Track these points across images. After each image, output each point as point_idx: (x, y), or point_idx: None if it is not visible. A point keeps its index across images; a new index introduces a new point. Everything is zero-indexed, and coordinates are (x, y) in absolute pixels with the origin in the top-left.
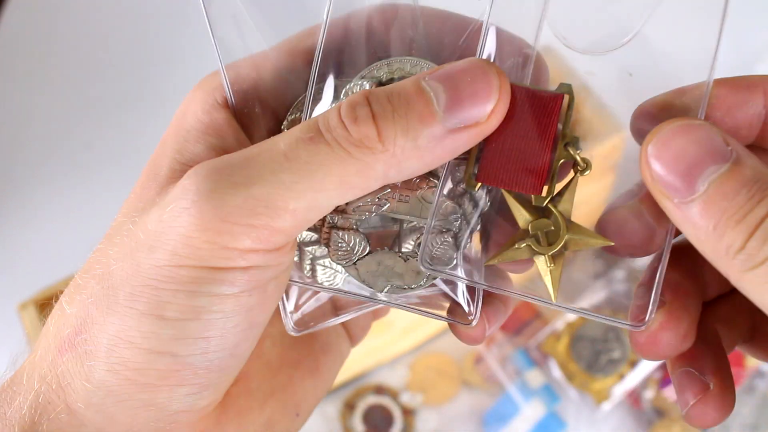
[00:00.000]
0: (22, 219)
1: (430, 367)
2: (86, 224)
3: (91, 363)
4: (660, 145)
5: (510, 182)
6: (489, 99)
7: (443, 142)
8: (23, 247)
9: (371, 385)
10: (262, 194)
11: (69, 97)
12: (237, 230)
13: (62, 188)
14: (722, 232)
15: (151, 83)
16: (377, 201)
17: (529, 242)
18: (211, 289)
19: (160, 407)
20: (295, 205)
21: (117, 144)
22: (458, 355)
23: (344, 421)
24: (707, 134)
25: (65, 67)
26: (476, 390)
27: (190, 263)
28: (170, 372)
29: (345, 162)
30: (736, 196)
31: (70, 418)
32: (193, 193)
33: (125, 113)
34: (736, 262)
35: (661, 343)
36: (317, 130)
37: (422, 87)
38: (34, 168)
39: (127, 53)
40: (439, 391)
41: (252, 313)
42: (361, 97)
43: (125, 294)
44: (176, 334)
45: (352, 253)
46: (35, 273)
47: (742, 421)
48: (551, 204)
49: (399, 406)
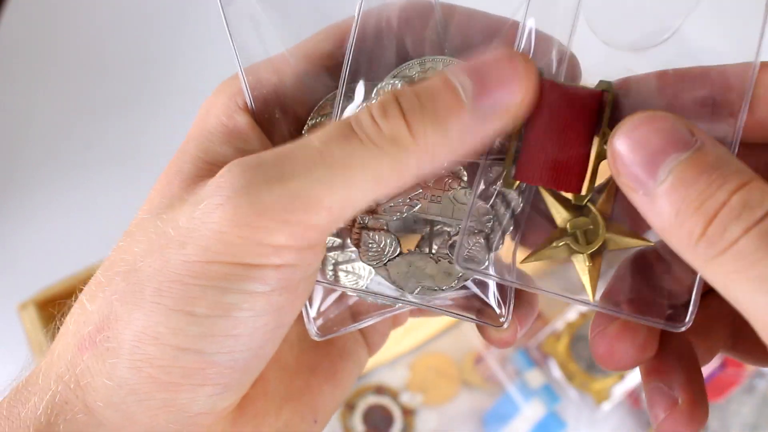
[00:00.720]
0: (22, 219)
1: (430, 367)
2: (86, 224)
3: (114, 360)
4: (624, 137)
5: (549, 181)
6: (515, 84)
7: (473, 130)
8: (23, 247)
9: (371, 385)
10: (297, 190)
11: (69, 97)
12: (272, 226)
13: (62, 188)
14: (683, 219)
15: (151, 83)
16: (408, 201)
17: (568, 241)
18: (243, 286)
19: (181, 408)
20: (330, 201)
21: (117, 144)
22: (458, 355)
23: (344, 421)
24: (670, 124)
25: (65, 67)
26: (476, 390)
27: (222, 259)
28: (195, 370)
29: (378, 158)
30: (696, 182)
31: (88, 418)
32: (228, 190)
33: (125, 113)
34: (699, 250)
35: (618, 354)
36: (350, 129)
37: (449, 80)
38: (34, 168)
39: (127, 53)
40: (439, 391)
41: (281, 312)
42: (389, 96)
43: (153, 289)
44: (204, 331)
45: (382, 254)
46: (35, 273)
47: (742, 421)
48: (590, 202)
49: (399, 406)
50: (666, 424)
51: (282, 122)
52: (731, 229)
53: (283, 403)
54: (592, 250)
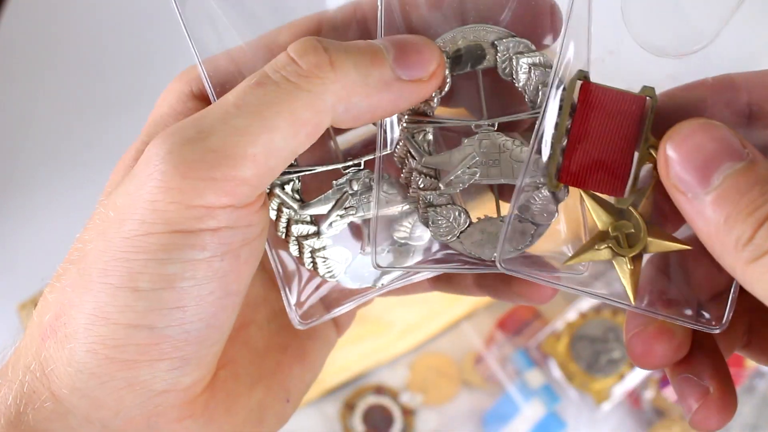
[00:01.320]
0: (23, 219)
1: (430, 367)
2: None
3: (71, 345)
4: (679, 141)
5: (594, 184)
6: (430, 63)
7: (390, 87)
8: (23, 247)
9: (371, 385)
10: (217, 144)
11: (69, 97)
12: (200, 185)
13: (62, 188)
14: (732, 225)
15: (150, 83)
16: (467, 171)
17: (610, 244)
18: (182, 255)
19: (143, 386)
20: (253, 150)
21: (117, 144)
22: (458, 355)
23: (344, 421)
24: (725, 134)
25: (65, 67)
26: (476, 390)
27: (159, 230)
28: (149, 346)
29: (294, 96)
30: (749, 191)
31: (56, 406)
32: (154, 159)
33: (125, 113)
34: (744, 254)
35: (656, 353)
36: (265, 75)
37: (373, 42)
38: (34, 168)
39: (126, 53)
40: (439, 391)
41: (226, 280)
42: (311, 40)
43: (98, 271)
44: (151, 305)
45: (454, 227)
46: (35, 273)
47: (742, 421)
48: (632, 206)
49: (399, 406)
50: (699, 414)
51: None
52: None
53: (255, 384)
54: (634, 254)
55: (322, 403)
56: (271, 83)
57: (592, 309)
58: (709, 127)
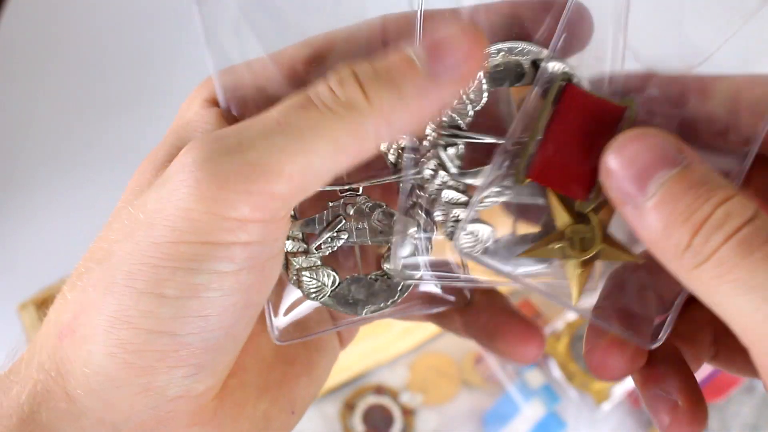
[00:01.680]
0: (22, 219)
1: (430, 367)
2: (86, 224)
3: (90, 347)
4: (616, 152)
5: (560, 184)
6: (464, 49)
7: (427, 92)
8: (23, 247)
9: (371, 385)
10: (256, 158)
11: (69, 97)
12: (234, 198)
13: (62, 188)
14: (671, 232)
15: (151, 83)
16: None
17: (564, 245)
18: (211, 266)
19: (157, 391)
20: (291, 168)
21: (117, 144)
22: (458, 355)
23: (344, 421)
24: (660, 141)
25: (65, 67)
26: (476, 390)
27: (190, 239)
28: (168, 352)
29: (335, 123)
30: (684, 196)
31: (70, 407)
32: (189, 165)
33: (125, 113)
34: (685, 261)
35: (611, 365)
36: (308, 99)
37: (403, 52)
38: (34, 168)
39: (127, 53)
40: (439, 391)
41: (249, 292)
42: (346, 69)
43: (123, 273)
44: (175, 312)
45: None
46: (35, 273)
47: (742, 421)
48: (592, 212)
49: (399, 406)
50: (672, 428)
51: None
52: (714, 238)
53: (261, 394)
54: (585, 258)
55: (322, 403)
56: (314, 108)
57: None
58: (644, 135)
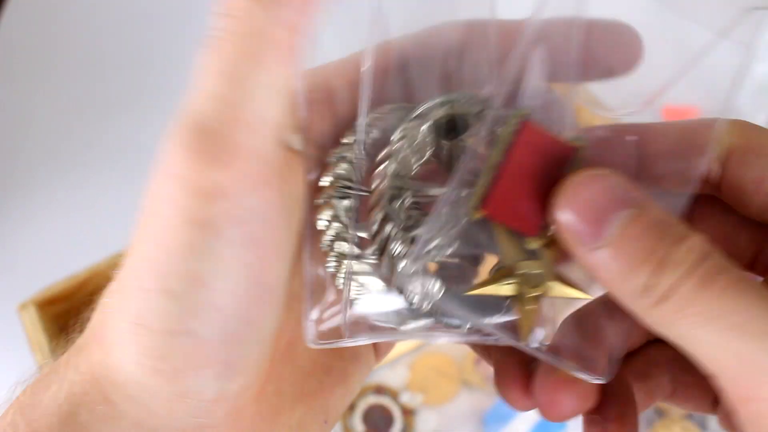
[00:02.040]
0: (23, 219)
1: (430, 367)
2: (87, 224)
3: (119, 356)
4: (569, 196)
5: (510, 218)
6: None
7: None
8: (23, 247)
9: (371, 385)
10: (209, 124)
11: (69, 97)
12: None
13: (62, 188)
14: (629, 273)
15: (151, 83)
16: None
17: (515, 281)
18: (205, 248)
19: (193, 396)
20: (234, 110)
21: (117, 144)
22: (458, 355)
23: (344, 420)
24: (614, 183)
25: (65, 67)
26: (476, 390)
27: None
28: (191, 353)
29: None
30: (641, 237)
31: (107, 409)
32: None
33: (125, 113)
34: (644, 301)
35: (561, 403)
36: (211, 41)
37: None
38: (34, 168)
39: (127, 53)
40: (439, 391)
41: (253, 270)
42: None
43: (133, 275)
44: (185, 307)
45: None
46: (35, 273)
47: None
48: (543, 248)
49: (399, 406)
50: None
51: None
52: (673, 276)
53: (297, 402)
54: (535, 294)
55: None
56: (215, 43)
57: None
58: (596, 177)
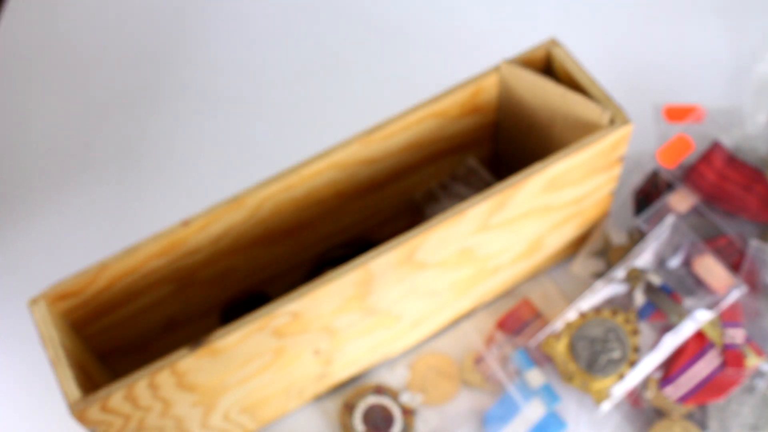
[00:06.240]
0: (33, 215)
1: (430, 367)
2: (97, 221)
3: None
4: None
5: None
6: None
7: None
8: (34, 243)
9: (371, 385)
10: None
11: (69, 97)
12: None
13: (72, 185)
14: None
15: (151, 84)
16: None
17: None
18: None
19: None
20: None
21: (119, 144)
22: (458, 355)
23: (344, 421)
24: None
25: (65, 67)
26: (476, 390)
27: None
28: None
29: None
30: None
31: None
32: None
33: (125, 113)
34: None
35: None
36: None
37: None
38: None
39: (127, 54)
40: (439, 391)
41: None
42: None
43: None
44: None
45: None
46: (46, 269)
47: (742, 421)
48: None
49: (399, 406)
50: None
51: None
52: None
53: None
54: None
55: (322, 402)
56: None
57: (592, 309)
58: None
